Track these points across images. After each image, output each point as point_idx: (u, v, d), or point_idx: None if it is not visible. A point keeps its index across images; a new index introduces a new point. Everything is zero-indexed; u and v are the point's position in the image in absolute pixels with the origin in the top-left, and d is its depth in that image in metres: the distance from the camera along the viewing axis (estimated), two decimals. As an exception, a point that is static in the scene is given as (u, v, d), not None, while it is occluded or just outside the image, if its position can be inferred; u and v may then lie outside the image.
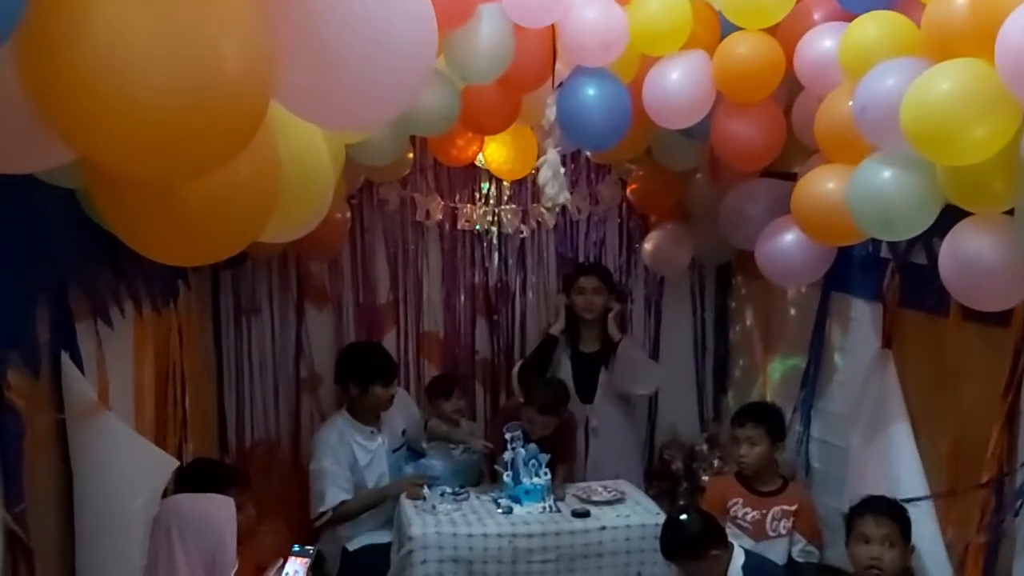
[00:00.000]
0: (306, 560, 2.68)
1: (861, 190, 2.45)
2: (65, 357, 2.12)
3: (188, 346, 3.24)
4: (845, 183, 2.53)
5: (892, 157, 2.37)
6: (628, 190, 4.14)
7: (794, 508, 3.33)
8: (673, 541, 3.03)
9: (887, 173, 2.37)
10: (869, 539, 2.69)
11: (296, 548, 2.72)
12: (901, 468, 2.85)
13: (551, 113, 3.06)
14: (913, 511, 2.71)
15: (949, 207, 2.33)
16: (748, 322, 4.18)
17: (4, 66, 1.18)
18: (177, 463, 2.66)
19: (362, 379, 3.79)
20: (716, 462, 4.05)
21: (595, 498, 3.61)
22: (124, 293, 2.55)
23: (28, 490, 1.91)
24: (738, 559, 2.99)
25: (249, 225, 1.67)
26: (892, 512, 2.70)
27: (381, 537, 3.74)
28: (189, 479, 2.88)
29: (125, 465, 2.32)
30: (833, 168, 2.69)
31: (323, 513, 3.72)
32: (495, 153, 3.72)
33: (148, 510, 2.40)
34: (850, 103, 2.45)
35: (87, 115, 1.19)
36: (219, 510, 2.57)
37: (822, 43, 2.68)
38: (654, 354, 4.48)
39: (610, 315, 4.05)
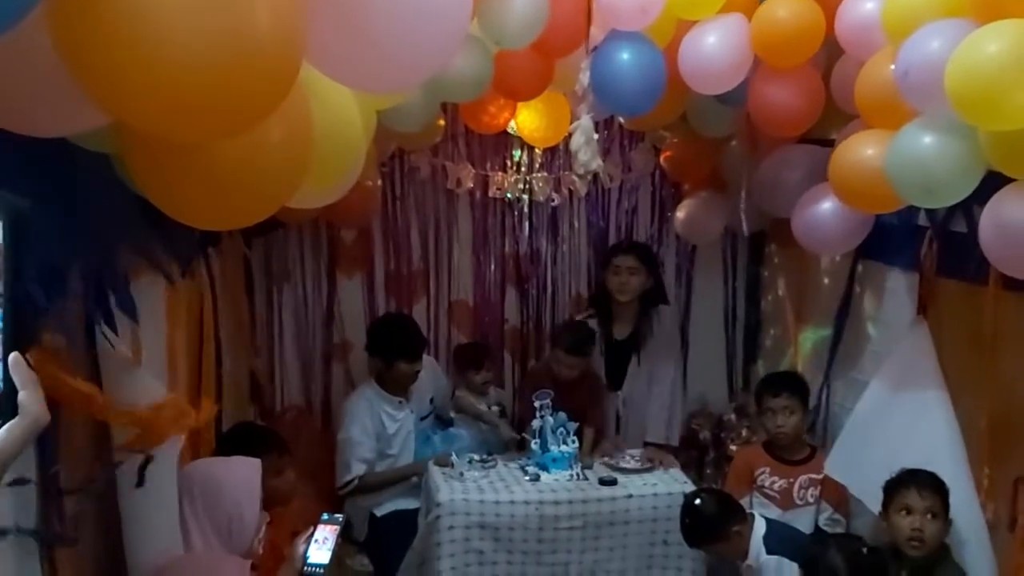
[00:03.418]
0: (335, 527, 2.66)
1: (901, 156, 2.40)
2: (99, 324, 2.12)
3: (221, 310, 3.26)
4: (884, 149, 2.49)
5: (934, 122, 2.31)
6: (662, 157, 4.10)
7: (821, 477, 3.32)
8: (693, 527, 3.05)
9: (928, 139, 2.32)
10: (912, 510, 2.67)
11: (325, 516, 2.70)
12: (935, 437, 2.81)
13: (585, 78, 3.02)
14: (950, 485, 2.68)
15: (990, 173, 2.28)
16: (780, 292, 4.13)
17: (36, 28, 1.18)
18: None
19: (388, 355, 3.81)
20: (744, 431, 4.04)
21: (623, 465, 3.62)
22: (156, 257, 2.55)
23: (64, 455, 1.93)
24: (759, 530, 3.00)
25: (280, 189, 1.66)
26: (935, 485, 2.68)
27: (409, 503, 3.78)
28: (228, 442, 2.90)
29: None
30: (872, 134, 2.64)
31: (348, 483, 3.77)
32: (527, 120, 3.69)
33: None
34: (892, 67, 2.39)
35: (120, 76, 1.19)
36: (236, 476, 2.52)
37: (864, 5, 2.62)
38: (684, 324, 4.44)
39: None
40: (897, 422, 2.95)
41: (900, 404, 2.96)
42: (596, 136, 3.12)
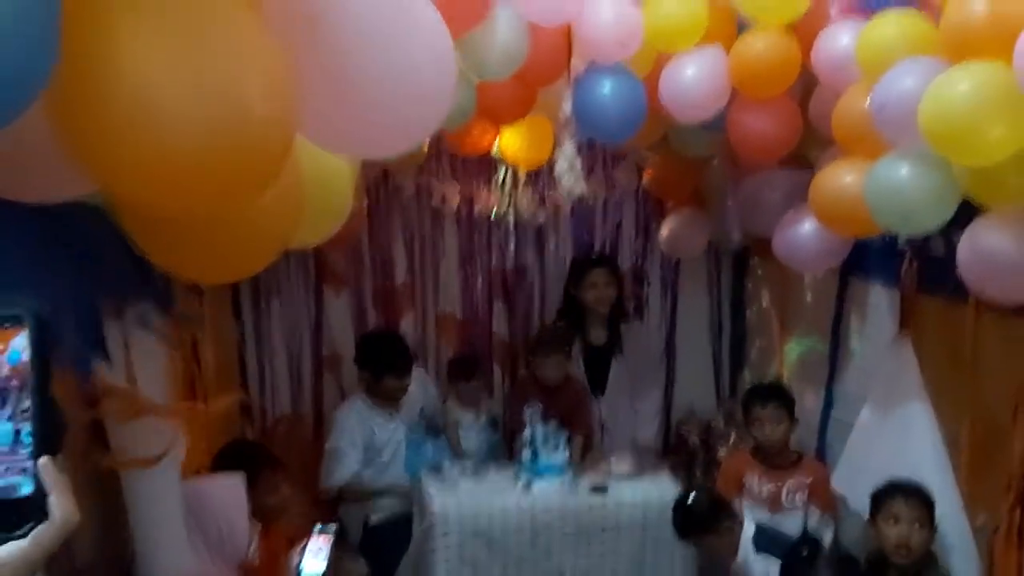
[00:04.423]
0: (329, 537, 2.75)
1: (879, 186, 2.48)
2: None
3: (209, 327, 3.29)
4: (863, 177, 2.56)
5: (910, 154, 2.39)
6: (644, 177, 4.16)
7: (809, 481, 3.41)
8: (686, 520, 3.15)
9: (905, 170, 2.40)
10: (899, 519, 2.76)
11: (319, 527, 2.79)
12: (921, 448, 2.91)
13: (567, 107, 3.08)
14: (936, 494, 2.77)
15: (968, 199, 2.36)
16: (764, 303, 4.22)
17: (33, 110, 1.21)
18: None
19: (376, 370, 3.87)
20: (732, 437, 4.12)
21: (614, 471, 3.70)
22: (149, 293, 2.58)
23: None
24: (749, 530, 3.11)
25: (272, 244, 1.71)
26: (921, 494, 2.77)
27: (402, 511, 3.84)
28: (221, 461, 2.95)
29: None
30: (851, 162, 2.71)
31: (329, 489, 3.84)
32: (510, 142, 3.72)
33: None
34: (868, 101, 2.46)
35: (118, 159, 1.22)
36: (219, 491, 2.59)
37: (840, 40, 2.67)
38: (670, 334, 4.53)
39: None
40: (888, 435, 3.05)
41: (889, 418, 3.07)
42: (579, 161, 3.19)
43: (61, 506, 0.91)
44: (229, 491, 2.59)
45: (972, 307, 2.62)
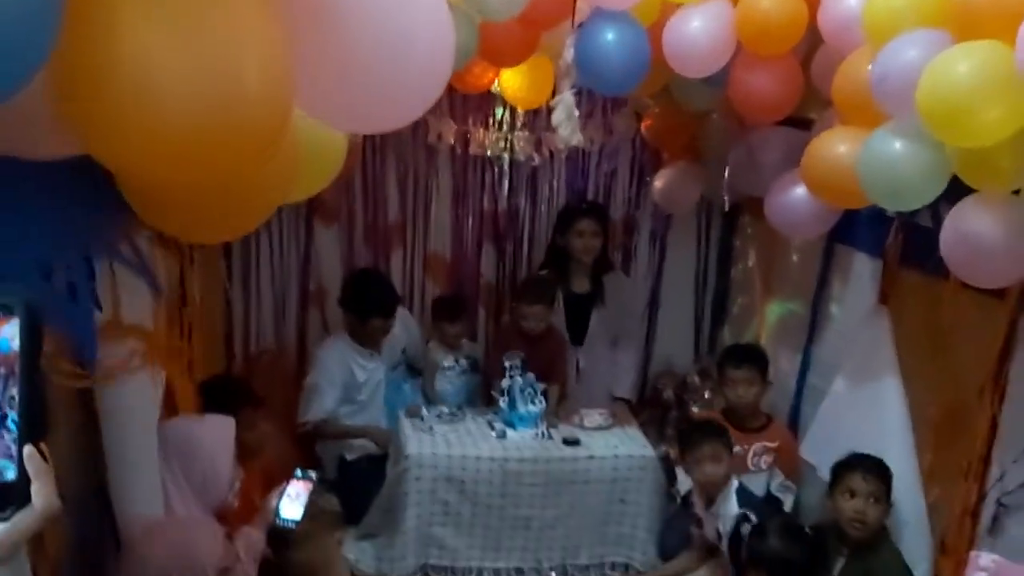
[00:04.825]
0: (308, 484, 2.74)
1: (872, 159, 2.46)
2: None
3: (196, 254, 3.28)
4: (857, 148, 2.55)
5: (905, 128, 2.37)
6: (643, 126, 4.12)
7: (776, 445, 3.48)
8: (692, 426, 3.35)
9: (898, 144, 2.38)
10: (855, 493, 2.82)
11: (299, 472, 2.76)
12: (888, 423, 2.95)
13: (569, 54, 3.04)
14: (896, 469, 2.82)
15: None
16: (750, 262, 4.22)
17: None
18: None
19: (361, 312, 3.87)
20: (707, 394, 4.17)
21: (586, 423, 3.75)
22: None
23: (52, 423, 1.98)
24: (734, 485, 3.20)
25: (266, 208, 1.73)
26: (879, 470, 2.82)
27: (377, 449, 3.88)
28: (203, 396, 2.97)
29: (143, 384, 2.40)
30: (846, 131, 2.70)
31: (303, 424, 3.88)
32: (511, 81, 3.69)
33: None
34: (869, 68, 2.44)
35: (116, 133, 1.22)
36: (210, 434, 2.60)
37: (847, 1, 2.64)
38: (656, 287, 4.54)
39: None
40: (857, 407, 3.09)
41: (861, 390, 3.10)
42: (577, 112, 3.16)
43: (43, 494, 0.92)
44: (217, 433, 2.60)
45: (952, 284, 2.61)
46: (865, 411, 3.04)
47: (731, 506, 3.17)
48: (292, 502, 2.68)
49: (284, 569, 2.66)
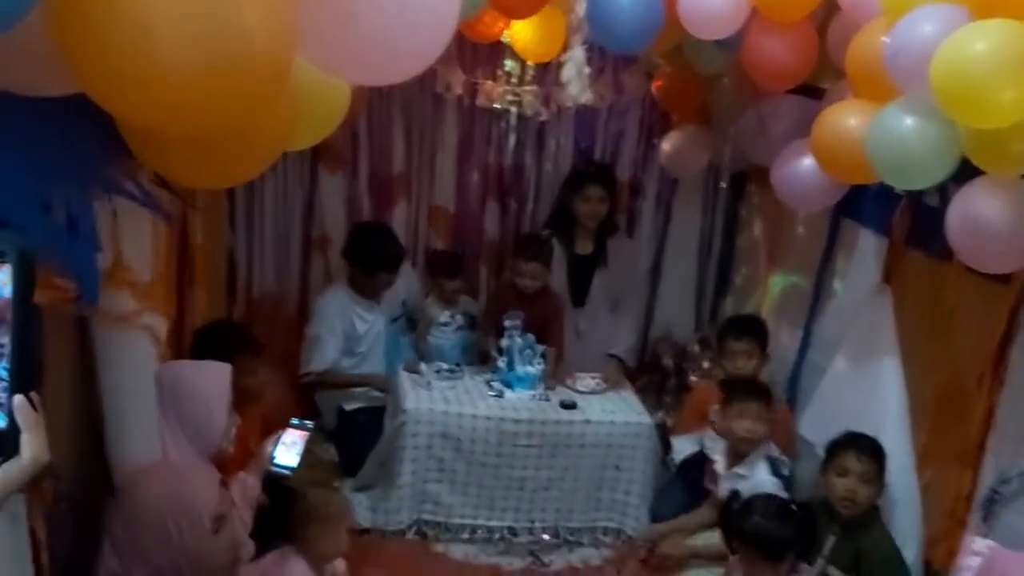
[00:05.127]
0: (305, 433, 2.74)
1: (881, 134, 2.41)
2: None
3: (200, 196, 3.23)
4: (867, 121, 2.49)
5: (917, 104, 2.31)
6: (653, 86, 4.04)
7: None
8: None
9: (909, 120, 2.33)
10: (848, 472, 2.80)
11: (295, 421, 2.76)
12: (886, 403, 2.93)
13: (581, 9, 2.98)
14: (891, 450, 2.80)
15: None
16: (756, 232, 4.17)
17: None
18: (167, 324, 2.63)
19: (367, 266, 3.86)
20: (706, 363, 4.14)
21: (579, 387, 3.74)
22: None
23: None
24: (766, 450, 3.20)
25: (267, 156, 1.72)
26: (873, 450, 2.81)
27: (377, 400, 3.88)
28: (202, 341, 2.95)
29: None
30: (858, 104, 2.64)
31: (306, 375, 3.88)
32: (521, 32, 3.62)
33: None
34: (883, 39, 2.37)
35: (115, 76, 1.20)
36: (206, 380, 2.57)
37: (866, -31, 2.57)
38: (659, 251, 4.49)
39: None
40: (856, 386, 3.07)
41: (860, 369, 3.08)
42: (588, 70, 3.10)
43: (32, 445, 0.91)
44: (213, 379, 2.57)
45: (956, 267, 2.57)
46: (863, 390, 3.02)
47: (759, 471, 3.15)
48: (288, 449, 2.69)
49: (286, 517, 2.67)
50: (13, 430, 0.90)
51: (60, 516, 2.11)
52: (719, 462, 3.30)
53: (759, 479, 3.11)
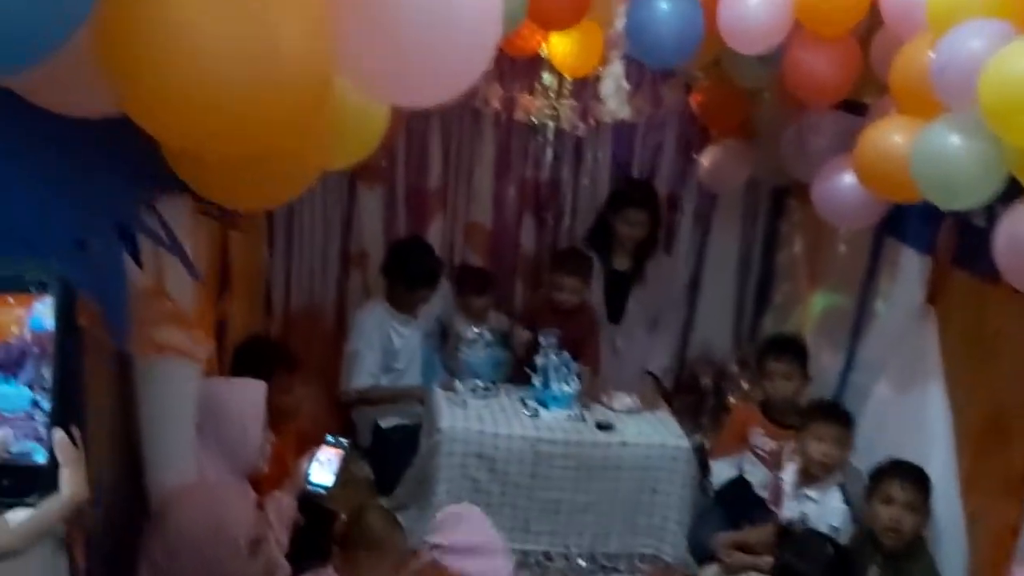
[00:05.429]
0: (340, 451, 2.72)
1: (926, 151, 2.35)
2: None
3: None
4: (912, 139, 2.43)
5: (963, 122, 2.25)
6: (692, 100, 3.99)
7: None
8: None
9: (955, 138, 2.27)
10: (892, 500, 2.73)
11: (330, 438, 2.74)
12: (930, 430, 2.85)
13: (620, 23, 2.95)
14: (937, 478, 2.73)
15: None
16: (796, 249, 4.09)
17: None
18: (211, 349, 2.62)
19: (409, 282, 3.85)
20: (745, 384, 4.07)
21: (615, 406, 3.68)
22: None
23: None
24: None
25: (305, 178, 1.73)
26: (919, 479, 2.73)
27: (413, 418, 3.86)
28: (239, 358, 2.95)
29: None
30: (902, 121, 2.57)
31: (348, 392, 3.87)
32: (559, 45, 3.60)
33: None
34: (930, 54, 2.31)
35: (157, 98, 1.22)
36: (242, 398, 2.56)
37: (913, -17, 2.51)
38: (697, 268, 4.43)
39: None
40: (901, 411, 3.00)
41: (905, 394, 3.01)
42: (626, 85, 3.07)
43: (72, 481, 0.90)
44: (248, 397, 2.56)
45: (1003, 289, 2.48)
46: (908, 415, 2.95)
47: (831, 497, 3.08)
48: (323, 468, 2.66)
49: (330, 537, 2.65)
50: (53, 465, 0.89)
51: (98, 540, 2.11)
52: (787, 482, 3.22)
53: (830, 505, 3.04)
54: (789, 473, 3.21)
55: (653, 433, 3.55)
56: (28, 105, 1.30)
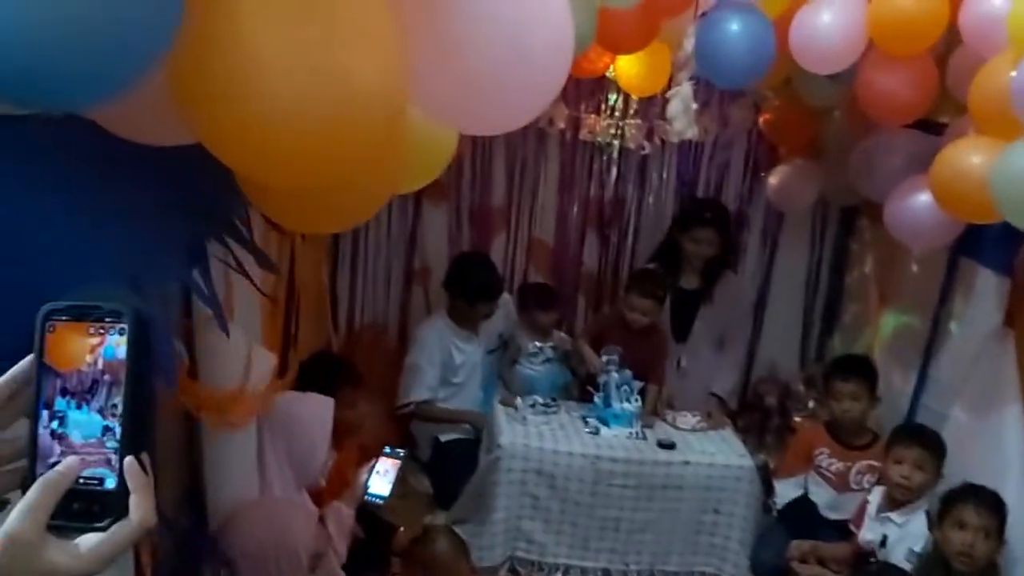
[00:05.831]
0: (397, 462, 2.75)
1: (1006, 172, 2.30)
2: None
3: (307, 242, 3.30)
4: (991, 160, 2.38)
5: (1047, 143, 2.21)
6: (761, 119, 3.97)
7: (880, 466, 3.29)
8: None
9: (1038, 160, 2.22)
10: (966, 525, 2.66)
11: (387, 449, 2.77)
12: (1007, 454, 2.78)
13: (689, 44, 2.94)
14: (1013, 504, 2.65)
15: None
16: (867, 268, 4.03)
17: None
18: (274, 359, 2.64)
19: (471, 296, 3.87)
20: (811, 403, 4.01)
21: (679, 424, 3.66)
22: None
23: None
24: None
25: (377, 200, 1.75)
26: (994, 503, 2.66)
27: (472, 433, 3.88)
28: (306, 374, 3.00)
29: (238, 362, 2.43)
30: (981, 141, 2.52)
31: (405, 405, 3.89)
32: (627, 67, 3.61)
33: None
34: (1011, 74, 2.27)
35: (232, 132, 1.23)
36: (311, 413, 2.61)
37: (992, 1, 2.46)
38: (764, 287, 4.38)
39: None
40: (977, 435, 2.92)
41: (981, 417, 2.93)
42: (694, 105, 3.06)
43: (141, 507, 0.92)
44: (317, 413, 2.61)
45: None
46: (984, 439, 2.87)
47: (916, 522, 3.01)
48: (381, 478, 2.70)
49: (388, 550, 2.65)
50: (123, 491, 0.92)
51: (163, 559, 2.15)
52: (873, 504, 3.15)
53: (912, 530, 2.97)
54: (876, 495, 3.15)
55: (716, 452, 3.51)
56: (98, 137, 1.32)
